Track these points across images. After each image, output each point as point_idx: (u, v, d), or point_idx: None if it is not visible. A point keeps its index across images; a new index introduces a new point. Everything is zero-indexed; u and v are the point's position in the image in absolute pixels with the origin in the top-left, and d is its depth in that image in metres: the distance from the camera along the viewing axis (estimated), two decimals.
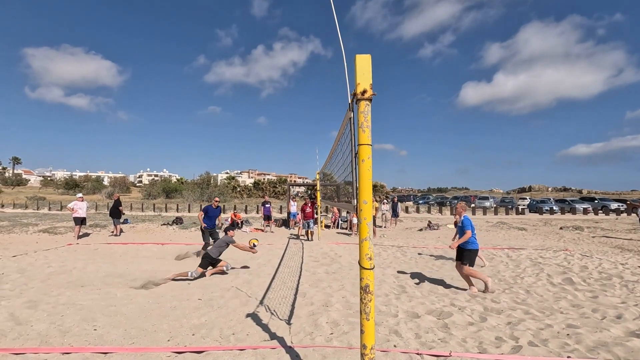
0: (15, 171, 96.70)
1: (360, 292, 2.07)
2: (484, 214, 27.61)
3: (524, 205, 32.99)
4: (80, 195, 12.45)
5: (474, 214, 27.46)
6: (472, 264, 5.75)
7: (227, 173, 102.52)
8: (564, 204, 31.20)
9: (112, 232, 12.93)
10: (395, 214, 17.26)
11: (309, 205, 12.36)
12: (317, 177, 12.59)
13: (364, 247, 2.05)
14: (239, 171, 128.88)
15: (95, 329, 3.96)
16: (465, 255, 5.75)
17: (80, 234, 12.10)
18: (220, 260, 6.87)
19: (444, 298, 5.33)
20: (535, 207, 30.82)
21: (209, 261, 6.68)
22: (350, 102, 2.43)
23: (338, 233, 14.99)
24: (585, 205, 29.46)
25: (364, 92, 2.12)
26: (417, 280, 6.45)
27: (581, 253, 9.68)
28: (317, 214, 12.47)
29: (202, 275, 6.57)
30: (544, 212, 28.32)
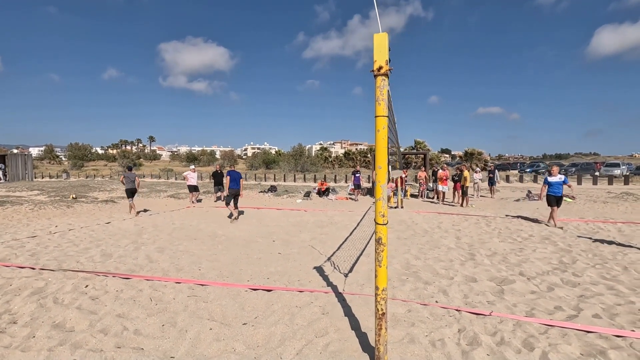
0: (152, 148, 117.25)
1: (375, 244, 2.41)
2: (610, 183, 23.38)
3: None
4: (192, 166, 14.86)
5: (595, 183, 23.51)
6: None
7: (320, 144, 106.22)
8: None
9: (217, 197, 15.12)
10: (492, 181, 15.98)
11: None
12: (397, 145, 12.51)
13: (379, 206, 2.37)
14: (332, 142, 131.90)
15: (199, 269, 5.12)
16: None
17: (195, 199, 14.58)
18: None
19: (514, 267, 5.17)
20: None
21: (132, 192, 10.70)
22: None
23: (424, 202, 14.80)
24: None
25: (380, 68, 2.35)
26: (491, 250, 6.28)
27: None
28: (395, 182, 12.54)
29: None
30: None
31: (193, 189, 14.10)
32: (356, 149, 69.94)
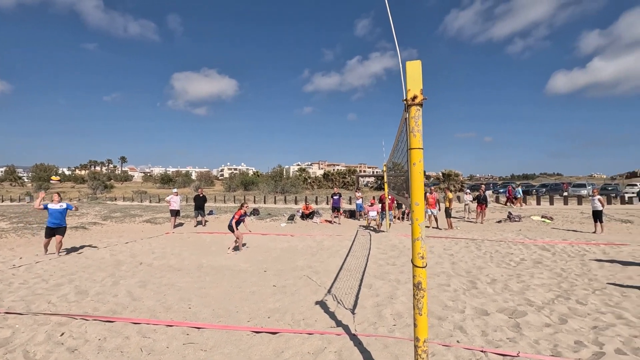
0: (123, 169, 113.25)
1: (413, 289, 2.18)
2: (579, 203, 24.42)
3: (632, 193, 28.31)
4: (175, 190, 14.25)
5: (566, 203, 24.48)
6: None
7: (298, 165, 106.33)
8: None
9: (198, 222, 14.45)
10: (483, 200, 15.47)
11: (381, 197, 12.66)
12: (385, 169, 12.54)
13: (416, 247, 2.16)
14: (309, 162, 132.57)
15: (190, 307, 4.67)
16: None
17: (176, 223, 13.88)
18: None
19: (519, 296, 5.05)
20: None
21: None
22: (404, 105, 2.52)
23: (410, 225, 14.76)
24: None
25: (415, 97, 2.20)
26: (490, 277, 6.17)
27: None
28: (384, 205, 12.49)
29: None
30: None
31: (175, 213, 13.46)
32: (334, 169, 70.33)
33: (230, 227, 9.02)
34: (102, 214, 17.85)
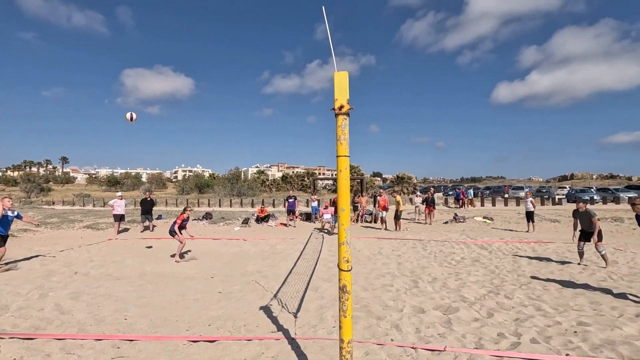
0: (64, 170, 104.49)
1: (339, 292, 2.26)
2: (517, 204, 26.54)
3: (562, 194, 31.31)
4: (119, 194, 13.41)
5: (506, 205, 26.48)
6: None
7: (257, 167, 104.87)
8: (607, 192, 29.29)
9: (145, 227, 13.73)
10: (431, 202, 16.11)
11: (334, 200, 12.80)
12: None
13: (342, 251, 2.24)
14: (269, 165, 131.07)
15: (125, 319, 4.42)
16: None
17: (120, 229, 13.06)
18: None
19: (454, 293, 5.38)
20: (574, 197, 29.17)
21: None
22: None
23: (363, 227, 15.11)
24: (632, 194, 27.45)
25: (341, 107, 2.28)
26: (431, 276, 6.51)
27: (615, 247, 9.25)
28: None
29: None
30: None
31: (119, 218, 12.65)
32: (293, 172, 70.13)
33: (171, 232, 8.59)
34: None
